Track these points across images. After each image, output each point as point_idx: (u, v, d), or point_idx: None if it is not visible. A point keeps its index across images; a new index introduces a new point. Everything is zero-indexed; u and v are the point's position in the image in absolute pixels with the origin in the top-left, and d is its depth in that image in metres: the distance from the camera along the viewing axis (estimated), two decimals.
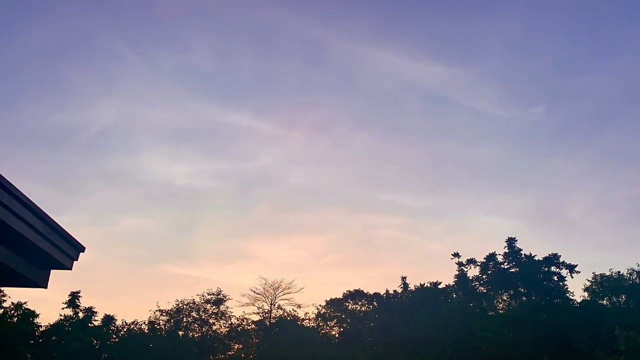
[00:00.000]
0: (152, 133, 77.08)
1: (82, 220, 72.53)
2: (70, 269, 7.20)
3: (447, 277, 72.71)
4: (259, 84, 76.09)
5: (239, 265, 76.70)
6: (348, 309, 60.13)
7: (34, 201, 5.86)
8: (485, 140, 78.65)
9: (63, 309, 51.54)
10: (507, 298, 54.42)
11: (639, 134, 78.19)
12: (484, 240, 71.73)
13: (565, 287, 52.07)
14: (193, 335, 56.66)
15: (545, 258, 53.07)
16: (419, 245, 77.98)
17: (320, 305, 60.55)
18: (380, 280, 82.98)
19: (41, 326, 50.25)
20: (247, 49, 75.66)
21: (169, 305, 57.36)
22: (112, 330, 53.70)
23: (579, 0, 74.49)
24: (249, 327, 58.29)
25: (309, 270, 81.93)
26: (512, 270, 53.32)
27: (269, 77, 75.59)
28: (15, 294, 49.14)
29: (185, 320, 56.81)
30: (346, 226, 77.83)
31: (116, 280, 77.89)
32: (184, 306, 57.14)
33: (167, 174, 75.86)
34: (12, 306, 49.23)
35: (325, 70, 75.01)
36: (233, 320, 58.12)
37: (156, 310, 56.61)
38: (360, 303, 60.17)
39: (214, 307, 57.47)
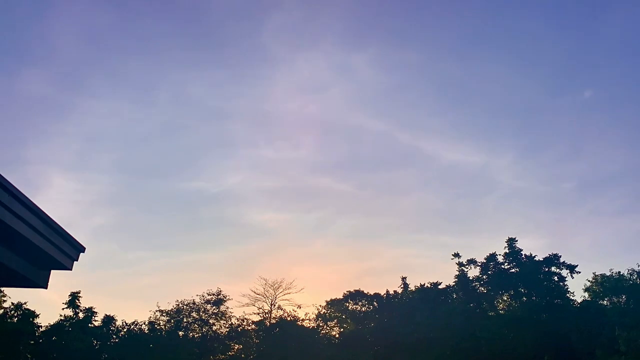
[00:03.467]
0: (257, 191, 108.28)
1: (175, 253, 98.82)
2: (70, 269, 7.18)
3: (447, 278, 74.21)
4: (345, 161, 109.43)
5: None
6: (348, 309, 59.93)
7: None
8: (509, 199, 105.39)
9: (63, 309, 51.70)
10: (508, 298, 54.36)
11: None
12: None
13: (566, 287, 52.07)
14: (193, 336, 56.56)
15: (545, 258, 52.99)
16: (441, 268, 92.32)
17: (320, 306, 60.41)
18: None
19: (41, 326, 50.29)
20: (339, 143, 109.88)
21: (169, 306, 57.37)
22: (112, 330, 53.64)
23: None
24: (249, 328, 58.14)
25: (341, 287, 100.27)
26: (513, 270, 53.27)
27: (353, 157, 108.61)
28: (15, 294, 49.26)
29: (185, 320, 56.67)
30: (382, 256, 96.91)
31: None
32: (184, 306, 57.00)
33: (256, 219, 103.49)
34: (12, 306, 49.32)
35: (394, 153, 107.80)
36: (233, 320, 58.00)
37: (156, 311, 56.52)
38: (360, 303, 59.98)
39: (214, 307, 57.37)
